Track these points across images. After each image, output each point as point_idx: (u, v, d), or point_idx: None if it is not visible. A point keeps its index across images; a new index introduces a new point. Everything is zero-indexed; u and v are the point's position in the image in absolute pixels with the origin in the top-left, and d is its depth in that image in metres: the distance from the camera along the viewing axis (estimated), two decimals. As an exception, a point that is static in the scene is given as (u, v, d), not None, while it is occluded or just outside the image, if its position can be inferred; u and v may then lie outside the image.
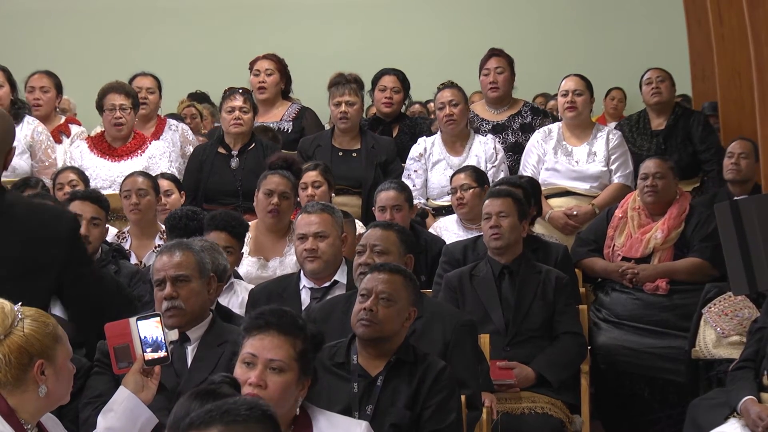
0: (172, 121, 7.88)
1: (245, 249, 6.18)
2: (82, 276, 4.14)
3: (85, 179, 6.75)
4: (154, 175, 6.66)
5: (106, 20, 12.25)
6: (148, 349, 3.62)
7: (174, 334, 4.01)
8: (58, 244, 3.96)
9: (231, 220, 5.68)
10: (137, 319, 3.65)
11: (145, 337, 3.63)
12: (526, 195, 6.11)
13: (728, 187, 7.09)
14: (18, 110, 7.05)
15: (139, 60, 9.66)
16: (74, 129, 7.64)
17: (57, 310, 5.29)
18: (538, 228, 6.79)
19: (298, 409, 3.49)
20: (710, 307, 5.83)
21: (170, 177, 6.86)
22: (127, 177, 6.50)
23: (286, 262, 6.12)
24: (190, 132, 7.95)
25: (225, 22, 12.32)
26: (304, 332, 3.55)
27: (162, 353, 3.64)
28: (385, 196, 6.29)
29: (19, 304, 3.20)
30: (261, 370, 3.44)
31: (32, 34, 11.99)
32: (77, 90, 9.54)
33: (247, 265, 6.14)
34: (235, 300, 5.50)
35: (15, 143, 6.81)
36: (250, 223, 6.37)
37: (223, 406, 2.61)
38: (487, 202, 5.77)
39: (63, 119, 7.71)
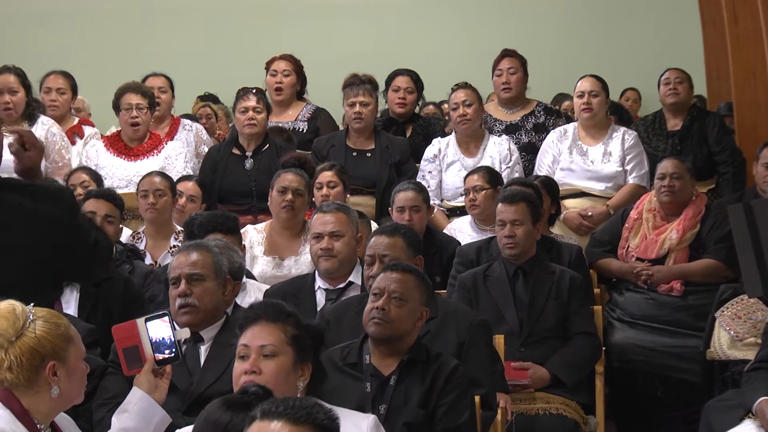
0: (186, 121, 7.88)
1: (260, 249, 6.18)
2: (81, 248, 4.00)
3: (97, 180, 6.74)
4: (169, 175, 6.65)
5: (116, 21, 12.25)
6: (162, 349, 3.62)
7: (185, 332, 4.02)
8: (59, 222, 3.88)
9: (217, 218, 5.60)
10: (146, 320, 3.65)
11: (154, 337, 3.63)
12: (539, 194, 6.10)
13: (758, 192, 7.02)
14: (32, 111, 7.06)
15: (150, 61, 9.67)
16: (87, 130, 7.64)
17: (71, 310, 5.32)
18: (555, 229, 6.76)
19: None
20: (723, 311, 5.80)
21: (199, 183, 6.80)
22: (144, 177, 6.50)
23: (301, 261, 6.13)
24: (204, 132, 7.96)
25: (237, 24, 12.31)
26: (294, 317, 3.60)
27: (173, 352, 3.65)
28: (403, 196, 6.26)
29: (32, 305, 3.20)
30: (254, 358, 3.51)
31: (44, 34, 12.00)
32: (88, 91, 9.55)
33: (262, 265, 6.14)
34: (248, 300, 5.48)
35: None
36: (264, 223, 6.38)
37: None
38: (500, 207, 5.73)
39: (76, 120, 7.71)
